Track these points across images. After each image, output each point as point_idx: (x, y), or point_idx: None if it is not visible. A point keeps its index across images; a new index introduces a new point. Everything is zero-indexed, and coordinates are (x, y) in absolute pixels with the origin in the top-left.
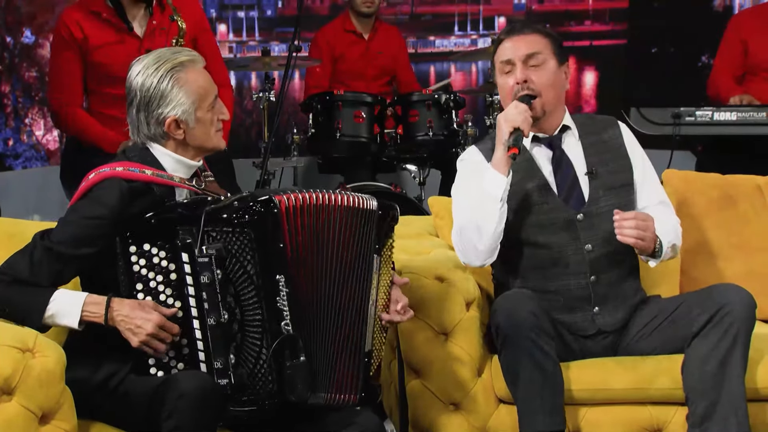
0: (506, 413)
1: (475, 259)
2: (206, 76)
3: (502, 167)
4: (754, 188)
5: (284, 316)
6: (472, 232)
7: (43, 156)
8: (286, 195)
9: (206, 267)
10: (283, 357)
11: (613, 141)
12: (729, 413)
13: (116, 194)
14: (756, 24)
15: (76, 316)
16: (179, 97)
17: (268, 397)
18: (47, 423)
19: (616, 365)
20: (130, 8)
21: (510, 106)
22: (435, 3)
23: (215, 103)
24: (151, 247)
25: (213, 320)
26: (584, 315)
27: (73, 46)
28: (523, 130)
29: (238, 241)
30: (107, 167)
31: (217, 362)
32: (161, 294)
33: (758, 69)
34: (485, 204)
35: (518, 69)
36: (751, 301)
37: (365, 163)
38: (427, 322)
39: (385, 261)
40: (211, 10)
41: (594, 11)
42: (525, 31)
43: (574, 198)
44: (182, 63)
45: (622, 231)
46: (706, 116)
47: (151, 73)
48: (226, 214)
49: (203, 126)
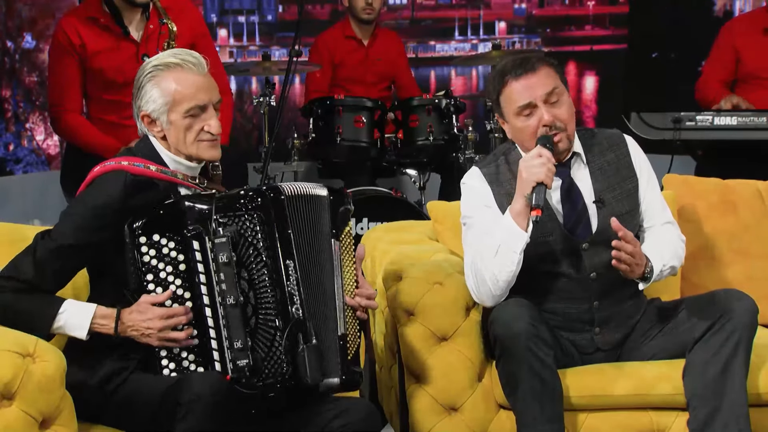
0: (506, 418)
1: (489, 300)
2: (192, 83)
3: (521, 221)
4: (755, 193)
5: (295, 300)
6: (488, 279)
7: (43, 161)
8: (287, 185)
9: (223, 247)
10: (297, 340)
11: (620, 161)
12: (730, 419)
13: (120, 185)
14: (748, 32)
15: (85, 328)
16: (152, 93)
17: (282, 381)
18: (47, 428)
19: (616, 371)
20: (127, 14)
21: (532, 153)
22: (435, 8)
23: (199, 113)
24: (160, 237)
25: (232, 299)
26: (584, 335)
27: (72, 52)
28: (546, 184)
29: (251, 224)
30: (112, 160)
31: (236, 342)
32: (171, 284)
33: (750, 77)
34: (503, 256)
35: (543, 111)
36: (753, 307)
37: (365, 168)
38: (428, 327)
39: (345, 248)
40: (211, 14)
41: (594, 16)
42: (536, 68)
43: (581, 228)
44: (168, 64)
45: (620, 265)
46: (707, 121)
47: (144, 66)
48: (237, 200)
49: (177, 130)
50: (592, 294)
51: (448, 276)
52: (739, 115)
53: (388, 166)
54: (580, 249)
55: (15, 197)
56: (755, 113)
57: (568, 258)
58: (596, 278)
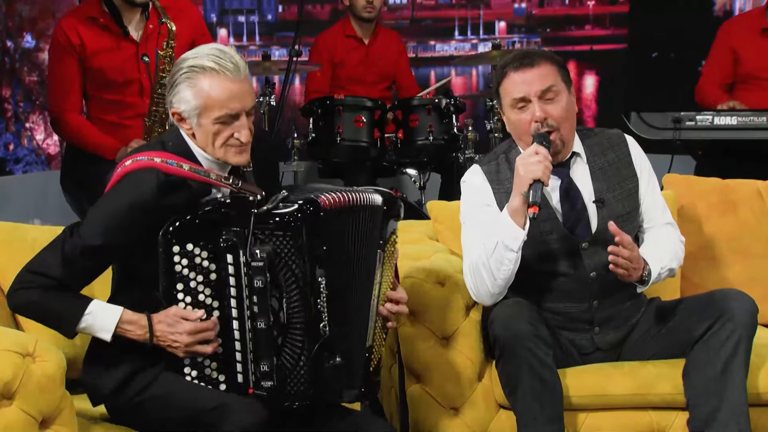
0: (506, 418)
1: (487, 299)
2: (226, 90)
3: (519, 218)
4: (755, 193)
5: (323, 318)
6: (486, 277)
7: (43, 160)
8: (325, 196)
9: (260, 271)
10: (321, 359)
11: (621, 161)
12: (730, 419)
13: (153, 185)
14: (745, 32)
15: (110, 331)
16: (185, 94)
17: (301, 399)
18: (47, 428)
19: (616, 371)
20: (126, 13)
21: (529, 151)
22: (435, 7)
23: (229, 120)
24: (194, 247)
25: (262, 324)
26: (583, 335)
27: (71, 53)
28: (543, 181)
29: (288, 244)
30: (144, 155)
31: (262, 365)
32: (200, 294)
33: (749, 77)
34: (501, 253)
35: (536, 106)
36: (753, 307)
37: (365, 168)
38: (428, 326)
39: (388, 257)
40: (211, 14)
41: (594, 16)
42: (534, 62)
43: (581, 227)
44: (204, 67)
45: (617, 270)
46: (707, 121)
47: (183, 60)
48: (275, 217)
49: (205, 134)
50: (591, 293)
51: (448, 276)
52: (739, 114)
53: (388, 165)
54: (580, 248)
55: (15, 197)
56: (755, 113)
57: (568, 257)
58: (596, 278)
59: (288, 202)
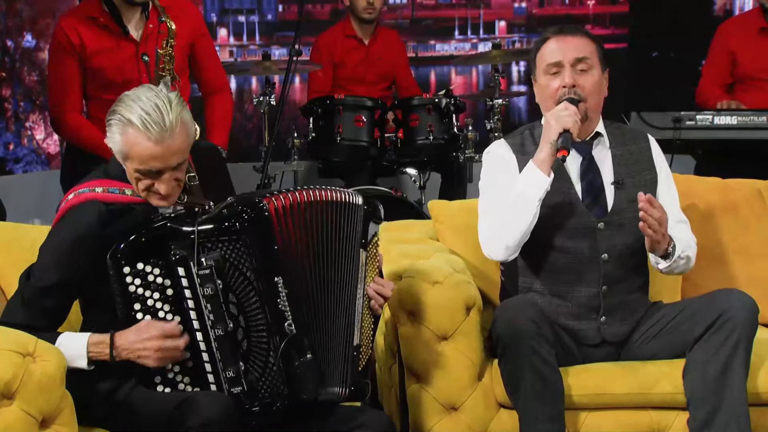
0: (507, 417)
1: (501, 253)
2: (145, 151)
3: (545, 167)
4: (755, 192)
5: (287, 317)
6: (504, 227)
7: (43, 160)
8: (273, 196)
9: (208, 278)
10: (291, 357)
11: (642, 154)
12: (730, 418)
13: (94, 217)
14: (743, 33)
15: (84, 357)
16: (114, 136)
17: (279, 399)
18: (47, 428)
19: (616, 370)
20: (126, 13)
21: (559, 107)
22: (435, 7)
23: (151, 174)
24: (144, 265)
25: (220, 331)
26: (590, 324)
27: (71, 52)
28: (572, 133)
29: (235, 249)
30: (86, 187)
31: (228, 371)
32: (160, 311)
33: (747, 78)
34: (522, 202)
35: (567, 72)
36: (753, 307)
37: (366, 168)
38: (428, 326)
39: (371, 256)
40: (211, 14)
41: (594, 15)
42: (575, 33)
43: (598, 206)
44: (131, 120)
45: (646, 229)
46: (707, 120)
47: (120, 101)
48: (218, 224)
49: (130, 175)
50: (601, 277)
51: (448, 276)
52: (739, 114)
53: (389, 165)
54: (595, 228)
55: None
56: (755, 113)
57: (582, 236)
58: (607, 260)
59: (231, 208)
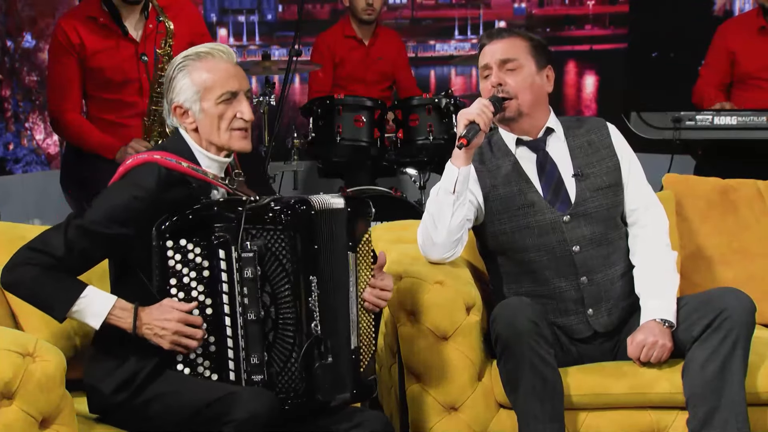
0: (506, 417)
1: (431, 251)
2: (223, 70)
3: (457, 160)
4: (755, 192)
5: (315, 317)
6: (429, 224)
7: (43, 160)
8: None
9: (249, 262)
10: (313, 358)
11: (601, 142)
12: (729, 418)
13: (154, 178)
14: (742, 33)
15: (102, 317)
16: (183, 83)
17: (295, 397)
18: (47, 427)
19: (615, 370)
20: (125, 13)
21: (474, 103)
22: (435, 7)
23: (231, 99)
24: (187, 242)
25: (252, 315)
26: (578, 317)
27: (71, 52)
28: (478, 124)
29: (279, 240)
30: (145, 154)
31: (252, 358)
32: (193, 290)
33: (747, 77)
34: (440, 197)
35: (494, 73)
36: (751, 306)
37: (365, 168)
38: (428, 326)
39: (362, 258)
40: (211, 14)
41: (594, 15)
42: (503, 36)
43: (561, 200)
44: (198, 54)
45: (653, 361)
46: (707, 120)
47: (174, 60)
48: (267, 213)
49: (209, 118)
50: (577, 269)
51: (448, 276)
52: (738, 114)
53: (388, 165)
54: (561, 222)
55: (15, 197)
56: (755, 113)
57: (550, 232)
58: (579, 251)
59: (280, 201)
